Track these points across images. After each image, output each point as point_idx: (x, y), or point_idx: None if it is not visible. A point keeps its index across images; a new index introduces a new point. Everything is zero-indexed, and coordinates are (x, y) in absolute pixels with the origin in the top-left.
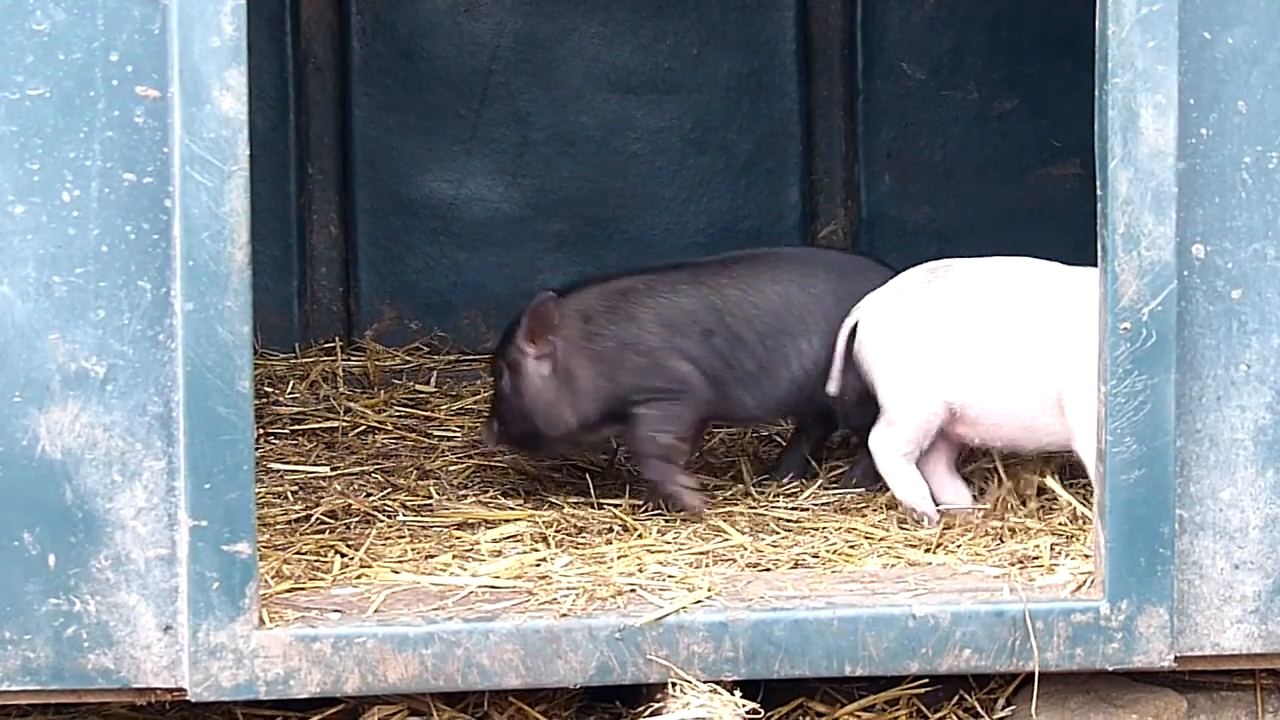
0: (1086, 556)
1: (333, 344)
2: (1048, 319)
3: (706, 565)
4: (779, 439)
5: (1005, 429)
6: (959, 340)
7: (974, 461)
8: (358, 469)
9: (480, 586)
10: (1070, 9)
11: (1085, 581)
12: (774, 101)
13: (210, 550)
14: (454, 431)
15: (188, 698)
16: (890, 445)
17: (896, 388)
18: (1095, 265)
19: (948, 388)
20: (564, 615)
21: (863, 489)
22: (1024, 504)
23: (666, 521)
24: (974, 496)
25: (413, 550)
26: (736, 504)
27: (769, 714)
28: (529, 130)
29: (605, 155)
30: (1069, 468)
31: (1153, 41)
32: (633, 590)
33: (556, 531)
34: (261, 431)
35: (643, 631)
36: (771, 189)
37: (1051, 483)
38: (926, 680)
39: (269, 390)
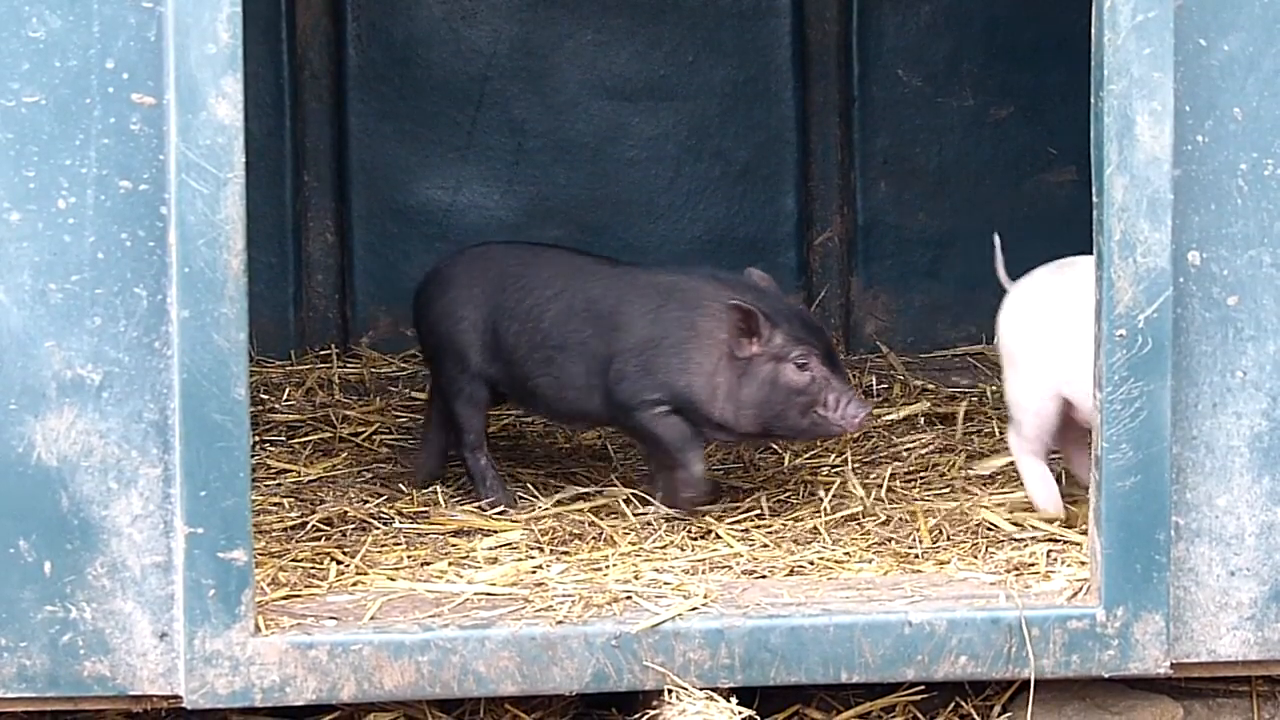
0: (1082, 563)
1: (329, 351)
2: None
3: (702, 572)
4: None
5: None
6: (1075, 334)
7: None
8: (354, 475)
9: (476, 594)
10: (1066, 16)
11: (1081, 588)
12: (770, 108)
13: (206, 557)
14: None
15: (183, 705)
16: (1016, 444)
17: (1015, 386)
18: None
19: (1062, 382)
20: (560, 622)
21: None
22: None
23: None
24: None
25: (409, 557)
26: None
27: None
28: (525, 137)
29: (601, 162)
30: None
31: (1148, 48)
32: (629, 597)
33: (552, 539)
34: (258, 439)
35: (639, 638)
36: (768, 196)
37: None
38: (923, 687)
39: (265, 397)
